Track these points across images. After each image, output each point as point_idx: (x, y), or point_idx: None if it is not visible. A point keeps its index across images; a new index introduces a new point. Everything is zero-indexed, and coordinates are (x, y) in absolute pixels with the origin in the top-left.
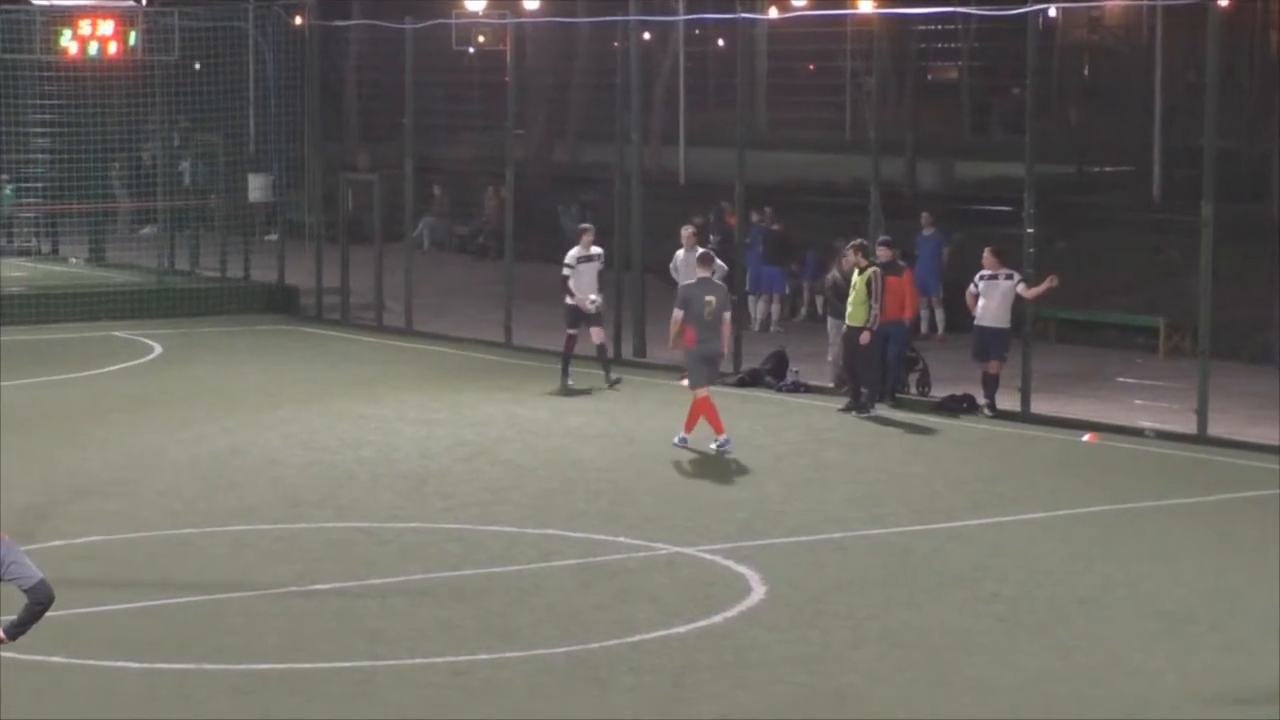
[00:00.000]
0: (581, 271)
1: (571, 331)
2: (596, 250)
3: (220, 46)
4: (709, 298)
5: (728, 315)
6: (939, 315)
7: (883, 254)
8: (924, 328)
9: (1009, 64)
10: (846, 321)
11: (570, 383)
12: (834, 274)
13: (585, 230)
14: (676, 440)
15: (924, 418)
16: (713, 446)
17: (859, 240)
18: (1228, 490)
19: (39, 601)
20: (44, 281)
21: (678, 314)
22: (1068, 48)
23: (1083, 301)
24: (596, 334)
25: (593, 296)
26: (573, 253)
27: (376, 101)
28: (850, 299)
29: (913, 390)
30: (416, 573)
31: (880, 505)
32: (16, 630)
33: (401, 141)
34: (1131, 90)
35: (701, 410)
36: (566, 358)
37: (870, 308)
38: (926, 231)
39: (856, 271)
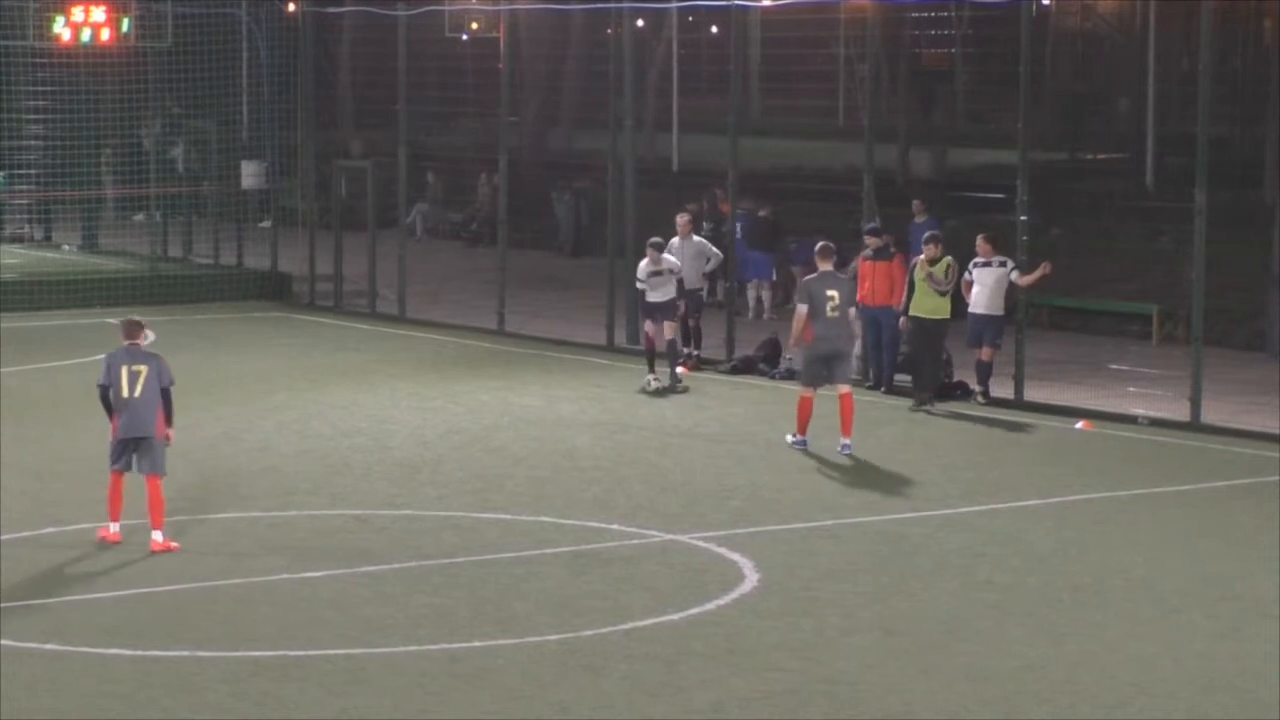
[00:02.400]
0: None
1: (648, 332)
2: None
3: (214, 33)
4: (831, 292)
5: (853, 311)
6: None
7: (870, 241)
8: None
9: (1002, 51)
10: (922, 314)
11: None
12: (855, 265)
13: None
14: (792, 441)
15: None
16: (789, 439)
17: (934, 233)
18: (1221, 477)
19: None
20: (37, 269)
21: (801, 309)
22: (1061, 35)
23: (1076, 289)
24: (669, 329)
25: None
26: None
27: (370, 88)
28: (922, 292)
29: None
30: (410, 560)
31: (873, 492)
32: None
33: (395, 128)
34: (1124, 77)
35: (800, 406)
36: (672, 355)
37: (946, 296)
38: (919, 219)
39: (929, 264)
